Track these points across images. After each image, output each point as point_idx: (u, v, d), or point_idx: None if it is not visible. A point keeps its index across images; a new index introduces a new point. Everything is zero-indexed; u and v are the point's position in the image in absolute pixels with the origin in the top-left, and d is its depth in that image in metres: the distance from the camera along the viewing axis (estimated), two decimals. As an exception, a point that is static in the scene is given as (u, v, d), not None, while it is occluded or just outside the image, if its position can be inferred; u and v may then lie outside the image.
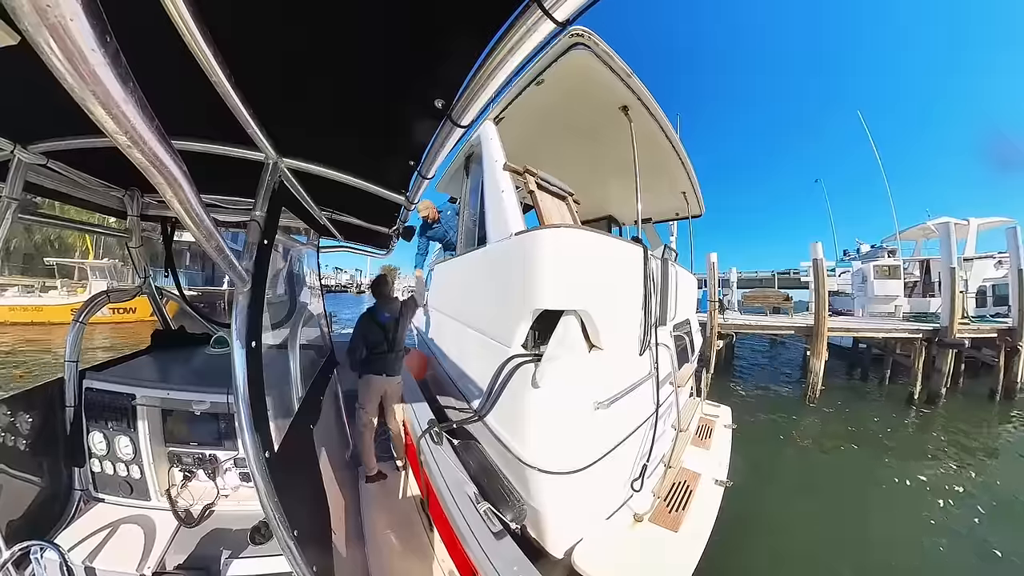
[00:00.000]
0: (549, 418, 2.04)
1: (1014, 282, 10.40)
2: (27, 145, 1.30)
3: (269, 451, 1.09)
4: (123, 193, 2.05)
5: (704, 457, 3.41)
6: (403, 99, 1.00)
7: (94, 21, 0.36)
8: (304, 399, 2.01)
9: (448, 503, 1.88)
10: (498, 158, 2.75)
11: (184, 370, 2.11)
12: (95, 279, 19.57)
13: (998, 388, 10.20)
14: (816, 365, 9.89)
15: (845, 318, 15.21)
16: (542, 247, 2.02)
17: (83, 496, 1.73)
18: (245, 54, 0.79)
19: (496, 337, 2.40)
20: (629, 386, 2.37)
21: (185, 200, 0.63)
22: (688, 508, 2.60)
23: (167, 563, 1.49)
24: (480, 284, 2.91)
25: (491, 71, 0.76)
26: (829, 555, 4.15)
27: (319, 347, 3.21)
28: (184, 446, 1.79)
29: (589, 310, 2.07)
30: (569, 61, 2.59)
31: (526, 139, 3.63)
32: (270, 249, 1.18)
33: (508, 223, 2.40)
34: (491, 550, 1.56)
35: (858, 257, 20.79)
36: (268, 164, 1.21)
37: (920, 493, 5.54)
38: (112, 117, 0.43)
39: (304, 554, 1.09)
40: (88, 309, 1.91)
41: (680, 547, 2.25)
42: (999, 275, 14.26)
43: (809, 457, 6.90)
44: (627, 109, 3.07)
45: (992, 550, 4.29)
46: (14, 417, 1.53)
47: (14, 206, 1.35)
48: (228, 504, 1.76)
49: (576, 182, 3.66)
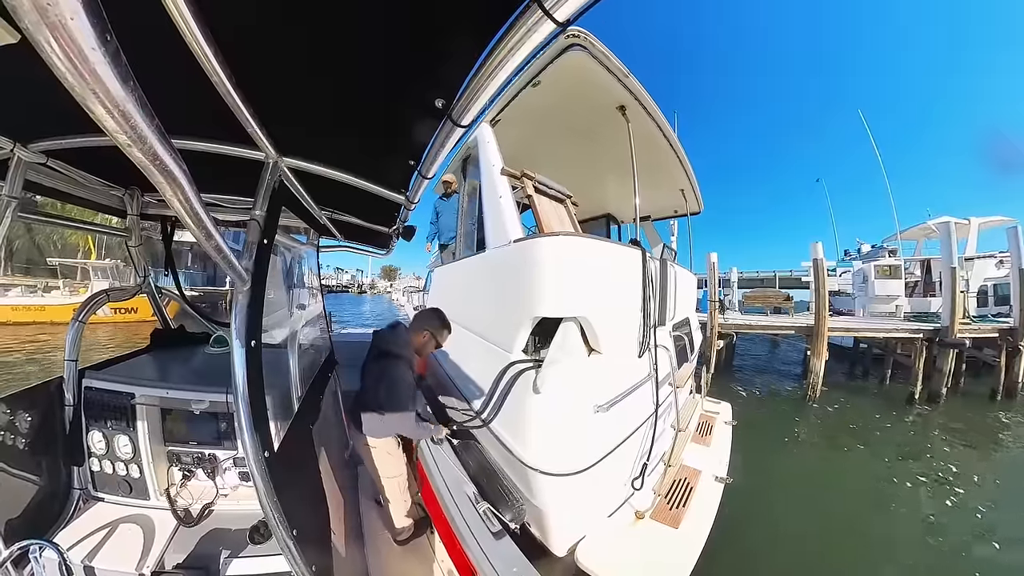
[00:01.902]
0: (550, 422, 2.06)
1: (1015, 282, 10.39)
2: (27, 144, 1.30)
3: (268, 451, 1.08)
4: (123, 192, 2.05)
5: (704, 454, 3.42)
6: (403, 99, 1.00)
7: (94, 20, 0.36)
8: (304, 399, 2.01)
9: (447, 503, 1.88)
10: (495, 162, 2.77)
11: (184, 369, 2.11)
12: (97, 279, 19.69)
13: (999, 388, 10.20)
14: (816, 365, 9.90)
15: (846, 318, 15.20)
16: (541, 256, 2.05)
17: (82, 495, 1.72)
18: (246, 53, 0.78)
19: (497, 342, 2.43)
20: (628, 388, 2.39)
21: (185, 199, 0.63)
22: (688, 505, 2.62)
23: (166, 562, 1.49)
24: (480, 289, 2.93)
25: (491, 71, 0.76)
26: (828, 554, 4.15)
27: (319, 347, 3.21)
28: (183, 445, 1.78)
29: (588, 315, 2.10)
30: (566, 62, 2.60)
31: (523, 140, 3.64)
32: (270, 249, 1.18)
33: (507, 230, 2.42)
34: (490, 550, 1.56)
35: (859, 257, 20.78)
36: (268, 163, 1.21)
37: (919, 492, 5.54)
38: (112, 116, 0.43)
39: (303, 553, 1.09)
40: (87, 308, 1.90)
41: (681, 543, 2.27)
42: (1000, 275, 14.25)
43: (809, 456, 6.90)
44: (624, 109, 3.08)
45: (992, 543, 4.34)
46: (13, 416, 1.53)
47: (14, 205, 1.35)
48: (227, 503, 1.76)
49: (574, 181, 3.66)
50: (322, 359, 2.98)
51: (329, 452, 2.29)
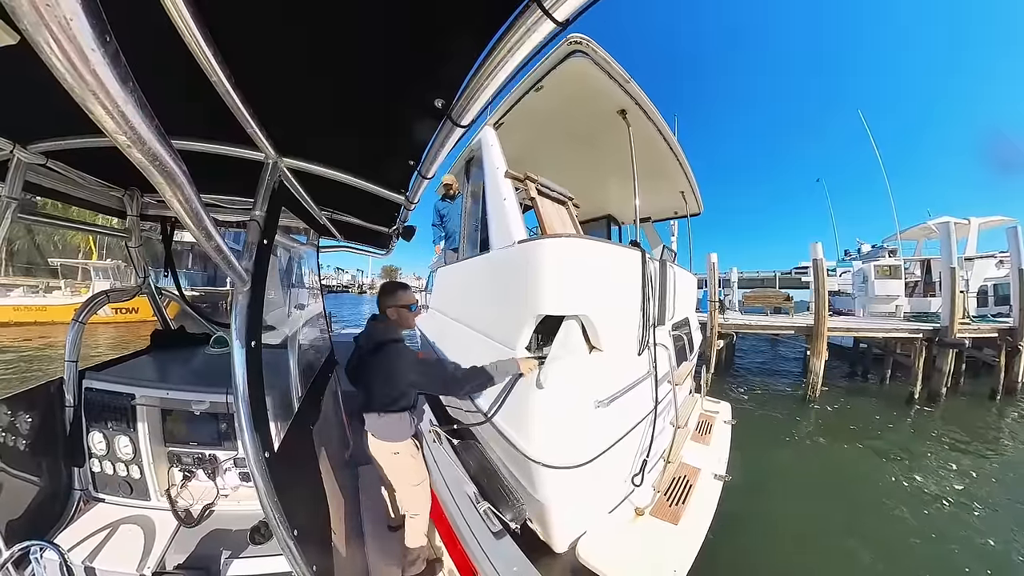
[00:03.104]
0: (552, 416, 2.11)
1: (1015, 281, 10.38)
2: (27, 145, 1.30)
3: (269, 451, 1.08)
4: (123, 193, 2.05)
5: (704, 452, 3.46)
6: (403, 99, 1.00)
7: (94, 21, 0.36)
8: (304, 399, 2.01)
9: (448, 503, 1.89)
10: (499, 165, 2.83)
11: (184, 370, 2.11)
12: (98, 279, 19.72)
13: (999, 388, 10.20)
14: (816, 365, 9.89)
15: (845, 318, 15.20)
16: (544, 256, 2.13)
17: (83, 496, 1.72)
18: (245, 54, 0.78)
19: (500, 340, 2.47)
20: (628, 385, 2.44)
21: (185, 200, 0.63)
22: (688, 502, 2.66)
23: (167, 563, 1.49)
24: (484, 288, 2.98)
25: (491, 71, 0.76)
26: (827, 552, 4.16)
27: (319, 347, 3.21)
28: (184, 446, 1.79)
29: (589, 314, 2.16)
30: (568, 68, 2.67)
31: (527, 142, 3.71)
32: (270, 249, 1.18)
33: (511, 231, 2.49)
34: (491, 550, 1.56)
35: (859, 257, 20.78)
36: (268, 164, 1.21)
37: (918, 491, 5.55)
38: (112, 117, 0.43)
39: (304, 554, 1.09)
40: (87, 309, 1.91)
41: (680, 539, 2.31)
42: (1001, 274, 14.24)
43: (808, 455, 6.90)
44: (625, 113, 3.15)
45: (986, 541, 4.38)
46: (14, 417, 1.53)
47: (14, 206, 1.35)
48: (228, 504, 1.76)
49: (576, 183, 3.72)
50: (322, 359, 2.98)
51: (329, 452, 2.29)
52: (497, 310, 2.66)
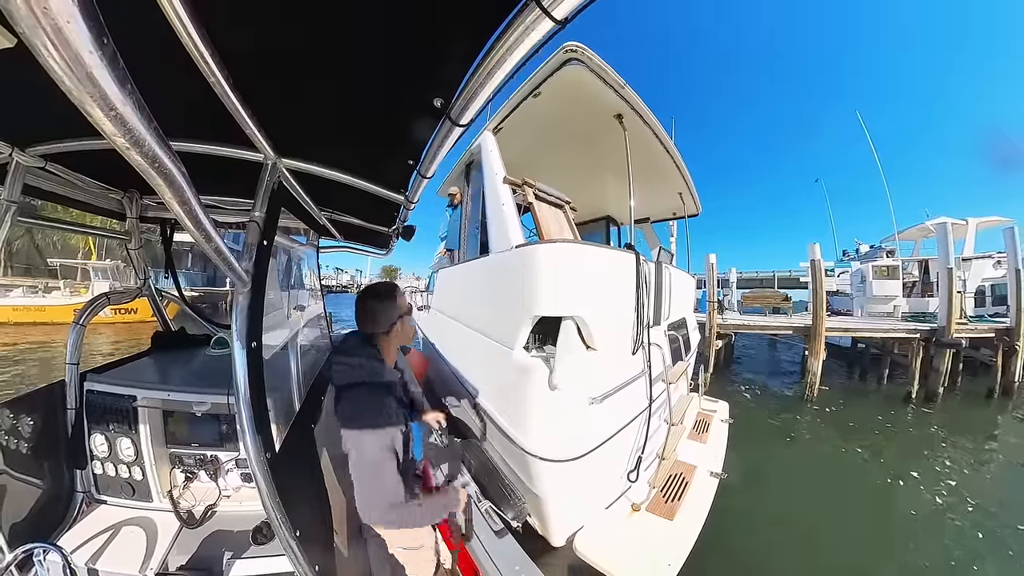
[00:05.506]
0: (549, 411, 2.16)
1: (1012, 282, 10.38)
2: (25, 148, 1.30)
3: (270, 452, 1.08)
4: (122, 195, 2.05)
5: (700, 450, 3.50)
6: (402, 98, 1.00)
7: (91, 23, 0.36)
8: (305, 399, 2.01)
9: None
10: (498, 171, 2.90)
11: (185, 371, 2.11)
12: (97, 280, 19.66)
13: (996, 387, 10.22)
14: (814, 365, 9.90)
15: (843, 318, 15.20)
16: (541, 261, 2.20)
17: (85, 498, 1.72)
18: (243, 55, 0.78)
19: (499, 339, 2.53)
20: (622, 383, 2.49)
21: (184, 202, 0.63)
22: (683, 499, 2.70)
23: (170, 564, 1.49)
24: (483, 290, 3.05)
25: (490, 70, 0.75)
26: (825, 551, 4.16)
27: (320, 347, 3.21)
28: (185, 447, 1.78)
29: (584, 315, 2.22)
30: (565, 75, 2.73)
31: (526, 146, 3.77)
32: (270, 250, 1.17)
33: (509, 236, 2.56)
34: (492, 548, 1.57)
35: (857, 257, 20.78)
36: (267, 165, 1.21)
37: (916, 490, 5.57)
38: (110, 119, 0.43)
39: (306, 554, 1.10)
40: (88, 311, 1.90)
41: (675, 535, 2.35)
42: (998, 275, 14.25)
43: (806, 454, 6.91)
44: (621, 117, 3.21)
45: (979, 535, 4.44)
46: (16, 420, 1.53)
47: (13, 209, 1.35)
48: (230, 505, 1.76)
49: (574, 184, 3.77)
50: (323, 360, 2.98)
51: (331, 452, 2.29)
52: (496, 311, 2.72)
